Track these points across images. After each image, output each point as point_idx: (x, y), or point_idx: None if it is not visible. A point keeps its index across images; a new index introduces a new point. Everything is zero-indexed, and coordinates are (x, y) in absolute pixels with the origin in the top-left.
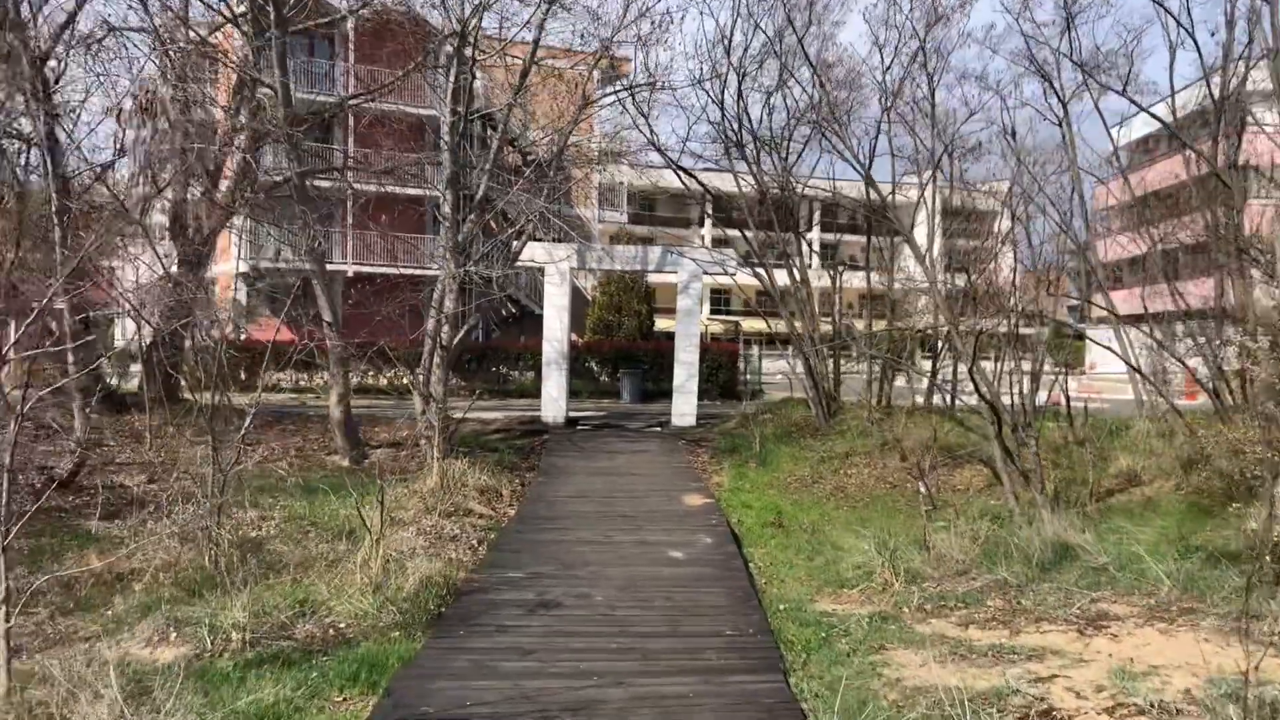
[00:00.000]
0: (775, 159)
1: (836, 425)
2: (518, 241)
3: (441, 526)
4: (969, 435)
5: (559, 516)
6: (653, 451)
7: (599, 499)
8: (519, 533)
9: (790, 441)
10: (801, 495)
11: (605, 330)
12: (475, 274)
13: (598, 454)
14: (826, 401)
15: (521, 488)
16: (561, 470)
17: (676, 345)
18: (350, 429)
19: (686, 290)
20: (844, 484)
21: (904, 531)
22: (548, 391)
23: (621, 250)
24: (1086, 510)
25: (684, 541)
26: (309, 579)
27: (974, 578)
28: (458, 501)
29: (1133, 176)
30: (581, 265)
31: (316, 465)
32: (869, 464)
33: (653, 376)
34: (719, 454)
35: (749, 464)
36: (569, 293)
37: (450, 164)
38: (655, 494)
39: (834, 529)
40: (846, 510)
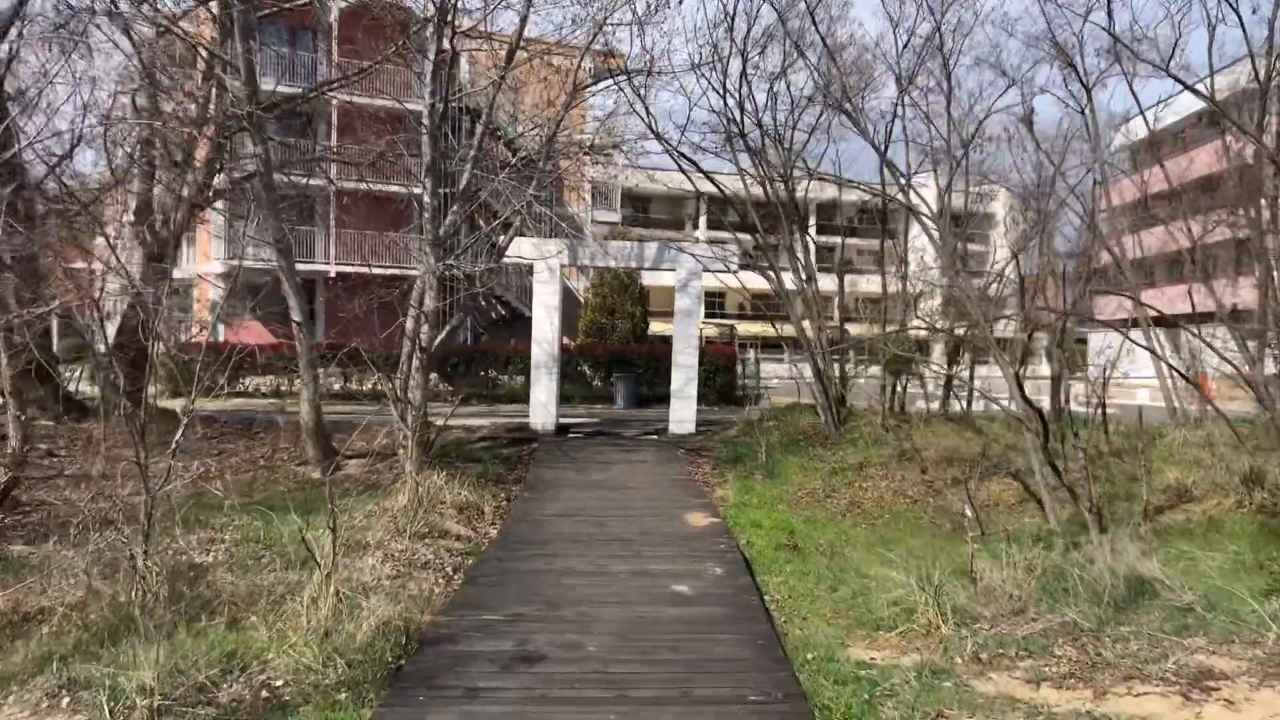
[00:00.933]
0: (780, 149)
1: (847, 433)
2: (504, 236)
3: (412, 551)
4: (990, 444)
5: (546, 539)
6: (650, 462)
7: (591, 518)
8: (499, 560)
9: (798, 451)
10: (814, 511)
11: (598, 333)
12: (456, 269)
13: (590, 465)
14: (836, 408)
15: (506, 503)
16: (550, 484)
17: (674, 347)
18: (322, 437)
19: (685, 289)
20: (860, 498)
21: (933, 554)
22: (536, 397)
23: (616, 246)
24: (1141, 532)
25: (689, 572)
26: (249, 620)
27: (1034, 618)
28: (433, 521)
29: (1161, 167)
30: (573, 262)
31: (285, 477)
32: (885, 476)
33: (647, 381)
34: (721, 464)
35: (754, 476)
36: (559, 292)
37: (430, 150)
38: (654, 511)
39: (854, 551)
40: (865, 528)
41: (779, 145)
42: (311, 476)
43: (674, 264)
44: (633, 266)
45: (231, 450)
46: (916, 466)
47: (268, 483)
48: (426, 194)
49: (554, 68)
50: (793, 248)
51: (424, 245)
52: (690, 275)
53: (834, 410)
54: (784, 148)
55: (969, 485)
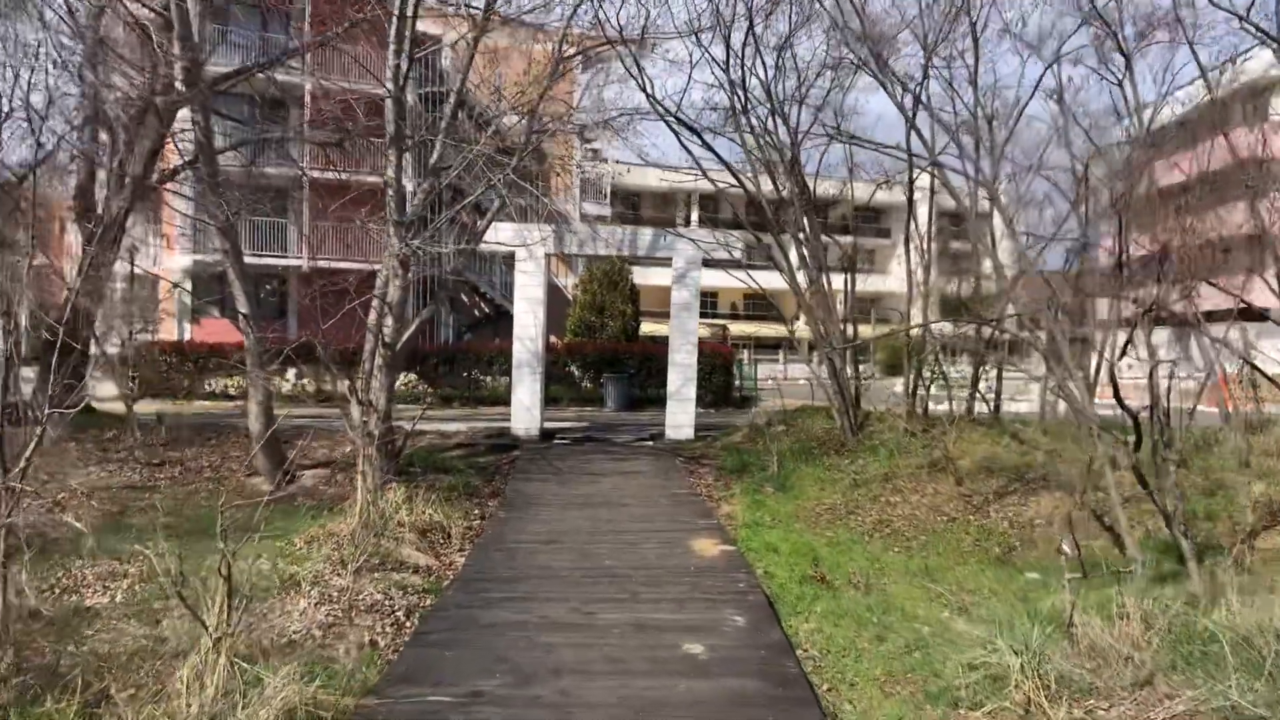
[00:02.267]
0: (788, 127)
1: (866, 440)
2: (481, 220)
3: (358, 589)
4: (1031, 452)
5: (521, 575)
6: (645, 473)
7: (578, 545)
8: (461, 606)
9: (812, 460)
10: (837, 531)
11: (587, 332)
12: (421, 250)
13: (578, 476)
14: (853, 411)
15: (480, 522)
16: (531, 499)
17: (671, 344)
18: (274, 445)
19: (683, 280)
20: (888, 515)
21: (988, 586)
22: (519, 399)
23: (607, 232)
24: (1247, 564)
25: (703, 624)
26: (115, 698)
27: (1169, 693)
28: (387, 549)
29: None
30: (559, 248)
31: (231, 490)
32: (915, 489)
33: (640, 382)
34: (726, 475)
35: (765, 488)
36: (544, 283)
37: (394, 118)
38: (653, 535)
39: (893, 583)
40: (900, 552)
41: (785, 122)
42: (261, 490)
43: (670, 252)
44: (625, 254)
45: (175, 459)
46: (950, 477)
47: (209, 497)
48: (390, 168)
49: (538, 34)
50: (804, 236)
51: (389, 226)
52: (688, 265)
53: (851, 414)
54: (791, 126)
55: (1070, 514)
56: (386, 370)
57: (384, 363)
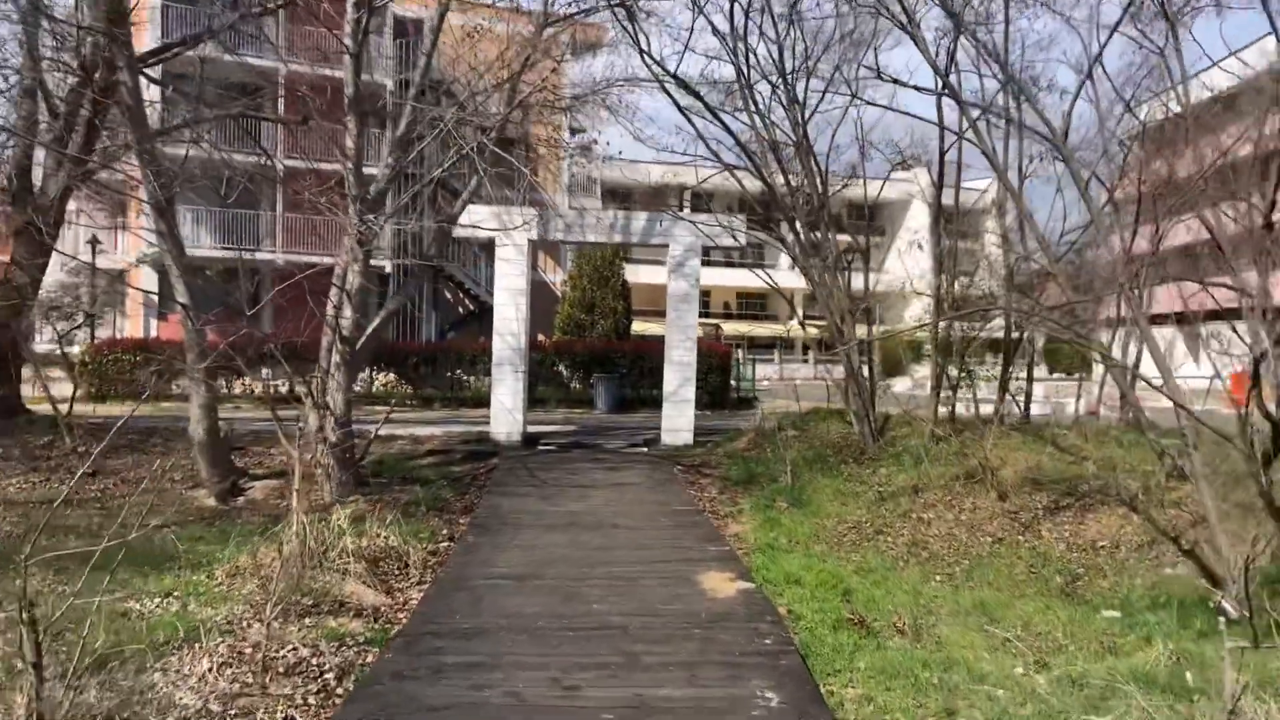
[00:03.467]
0: (796, 105)
1: (888, 446)
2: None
3: (281, 641)
4: (1078, 461)
5: (486, 629)
6: (640, 485)
7: (560, 582)
8: (402, 675)
9: (829, 469)
10: (865, 555)
11: (577, 330)
12: (381, 228)
13: (563, 490)
14: (873, 414)
15: (447, 545)
16: (507, 519)
17: (667, 341)
18: (218, 453)
19: (681, 269)
20: (922, 536)
21: (1061, 630)
22: (499, 401)
23: (596, 216)
24: None
25: (725, 705)
26: None
27: None
28: (327, 585)
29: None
30: (543, 234)
31: (171, 504)
32: (950, 503)
33: (631, 382)
34: (731, 487)
35: (778, 503)
36: (527, 272)
37: (353, 79)
38: (653, 568)
39: (946, 625)
40: (943, 582)
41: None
42: (204, 504)
43: (667, 238)
44: (616, 240)
45: (114, 468)
46: (990, 491)
47: (141, 513)
48: (349, 137)
49: (518, 15)
50: (819, 224)
51: (350, 204)
52: (687, 253)
53: (871, 418)
54: (800, 100)
55: (1247, 560)
56: (345, 369)
57: (342, 360)
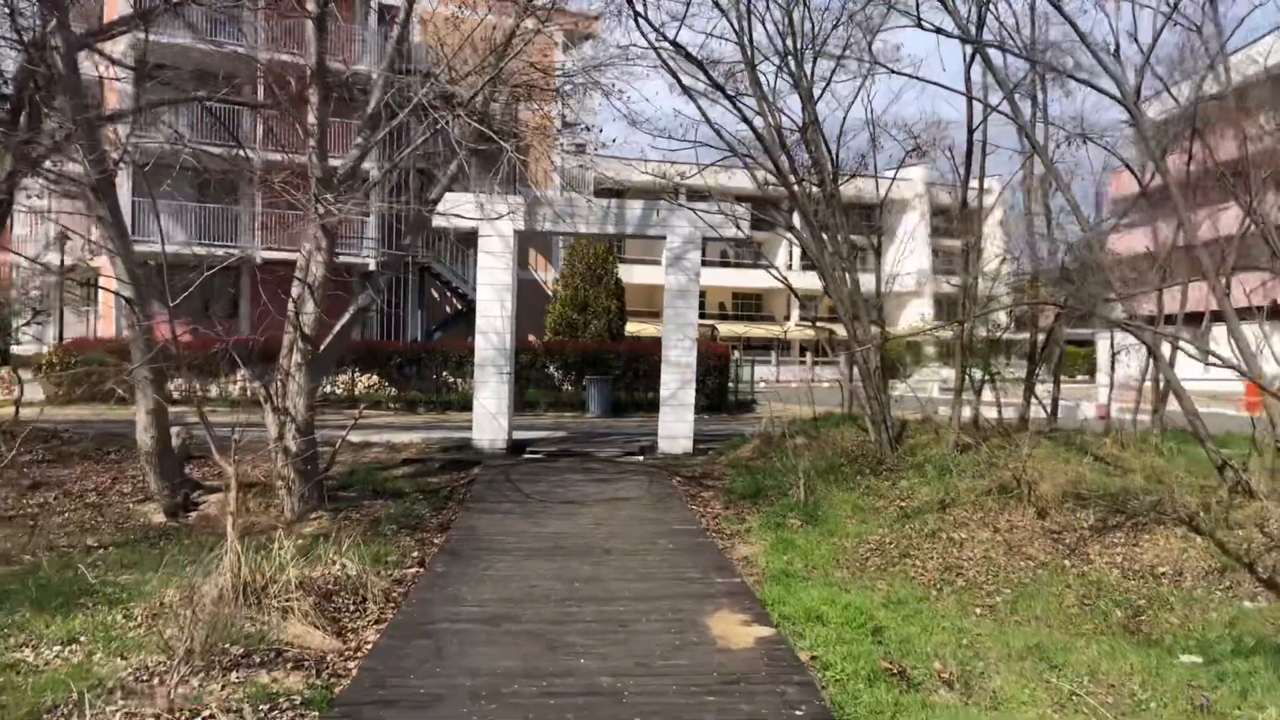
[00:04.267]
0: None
1: (907, 456)
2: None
3: (191, 710)
4: (1122, 472)
5: (445, 692)
6: (636, 500)
7: (540, 626)
8: None
9: (844, 481)
10: (893, 582)
11: (569, 330)
12: (346, 212)
13: (549, 506)
14: (890, 420)
15: (414, 572)
16: (484, 542)
17: (665, 339)
18: (168, 464)
19: (679, 262)
20: (955, 559)
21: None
22: (483, 405)
23: (588, 204)
24: None
25: None
26: None
27: None
28: (265, 626)
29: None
30: (530, 225)
31: (117, 519)
32: (982, 521)
33: (625, 384)
34: (737, 501)
35: (790, 520)
36: (513, 266)
37: (316, 46)
38: (652, 606)
39: (999, 674)
40: (985, 616)
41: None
42: (152, 520)
43: (665, 228)
44: (610, 232)
45: (59, 479)
46: (1027, 506)
47: (77, 530)
48: (311, 111)
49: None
50: (833, 213)
51: (312, 182)
52: (686, 244)
53: (888, 424)
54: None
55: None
56: (307, 370)
57: (304, 361)
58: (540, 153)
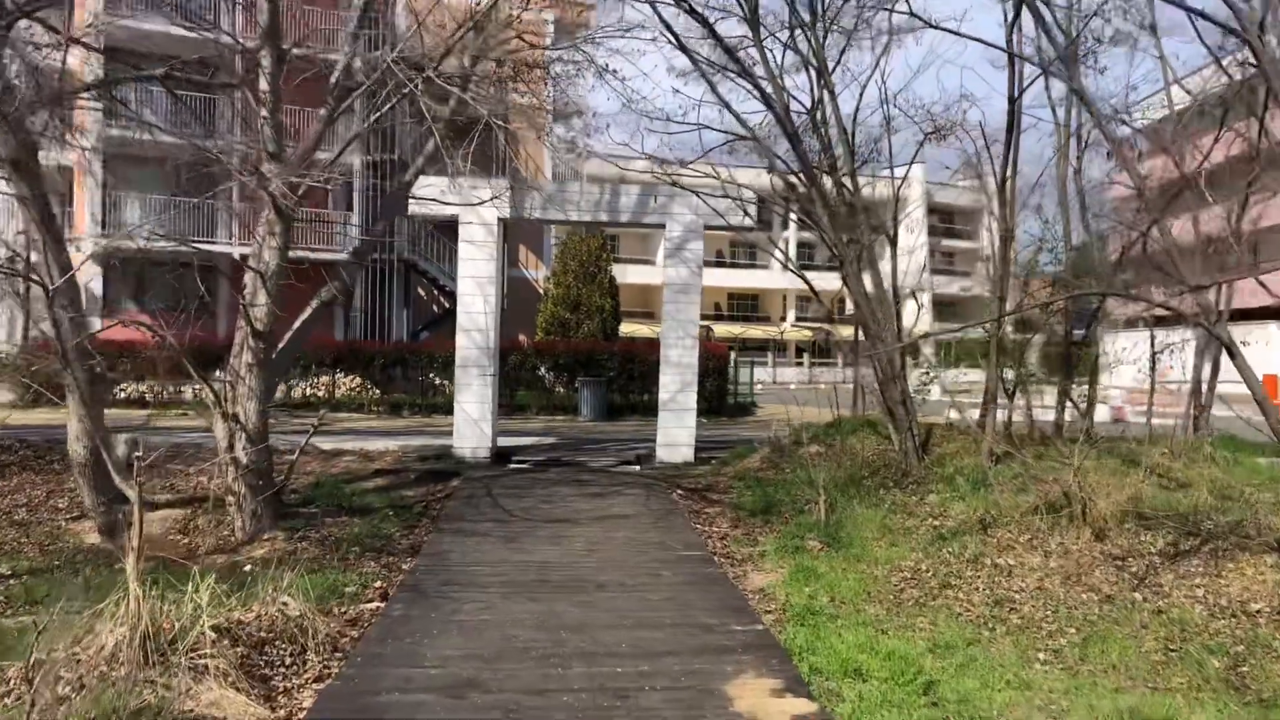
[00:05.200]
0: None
1: (935, 466)
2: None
3: None
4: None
5: None
6: (634, 518)
7: (516, 699)
8: None
9: (867, 496)
10: (936, 620)
11: (560, 330)
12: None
13: (534, 526)
14: (916, 428)
15: (373, 609)
16: (455, 574)
17: (663, 338)
18: (106, 477)
19: (679, 253)
20: (1005, 591)
21: None
22: (464, 409)
23: (579, 190)
24: None
25: None
26: None
27: None
28: (169, 692)
29: None
30: (515, 212)
31: (43, 540)
32: (1030, 544)
33: (620, 386)
34: (747, 519)
35: (809, 542)
36: (497, 257)
37: (266, 3)
38: (657, 666)
39: None
40: (1051, 664)
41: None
42: (85, 541)
43: (664, 216)
44: (603, 220)
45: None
46: (1082, 527)
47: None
48: (263, 77)
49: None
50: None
51: (262, 157)
52: (687, 233)
53: (914, 432)
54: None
55: None
56: (259, 371)
57: (256, 360)
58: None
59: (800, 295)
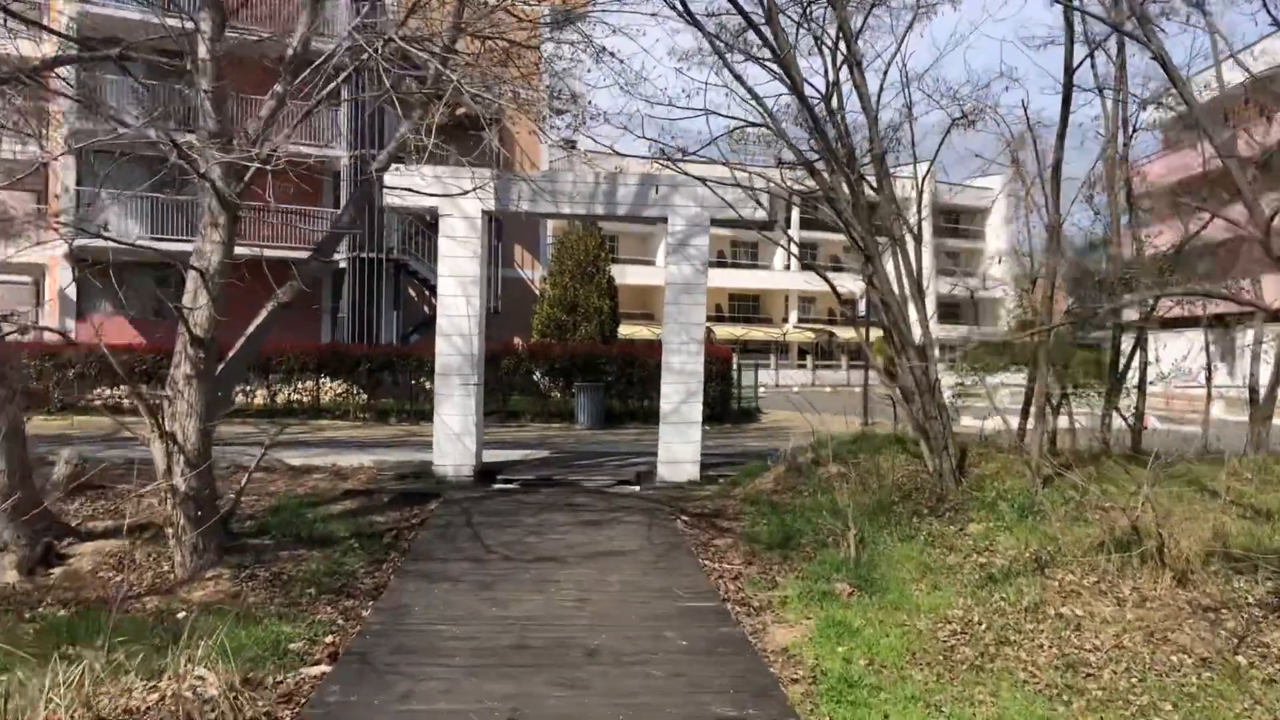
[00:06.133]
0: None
1: (974, 489)
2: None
3: None
4: (1232, 512)
5: None
6: (634, 555)
7: None
8: None
9: (898, 525)
10: (998, 689)
11: (557, 332)
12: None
13: (517, 567)
14: (953, 446)
15: (322, 675)
16: (416, 635)
17: (665, 343)
18: (30, 504)
19: (683, 249)
20: (1075, 649)
21: None
22: (445, 423)
23: (573, 180)
24: None
25: None
26: None
27: None
28: None
29: None
30: (502, 204)
31: None
32: (1099, 589)
33: (619, 392)
34: (762, 554)
35: (836, 584)
36: (481, 253)
37: None
38: None
39: None
40: None
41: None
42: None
43: (666, 208)
44: (599, 213)
45: None
46: (1159, 569)
47: None
48: (202, 43)
49: None
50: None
51: (201, 132)
52: (692, 227)
53: (950, 451)
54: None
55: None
56: (200, 383)
57: (195, 371)
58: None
59: (803, 296)
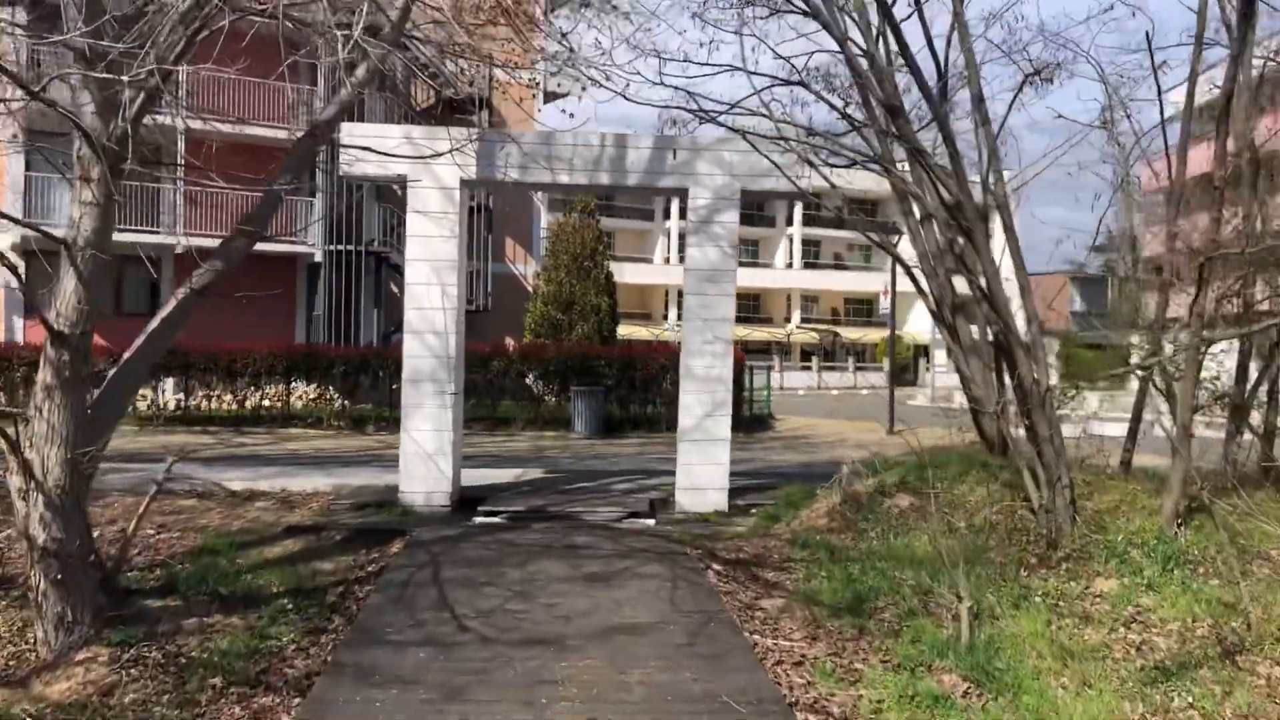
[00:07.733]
0: None
1: (1092, 530)
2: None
3: None
4: None
5: None
6: (657, 631)
7: None
8: None
9: (1001, 581)
10: None
11: (551, 332)
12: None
13: (497, 659)
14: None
15: None
16: None
17: (685, 342)
18: None
19: (707, 227)
20: None
21: None
22: (414, 440)
23: (571, 144)
24: None
25: None
26: None
27: None
28: None
29: None
30: (485, 171)
31: None
32: None
33: (620, 397)
34: (826, 620)
35: (943, 676)
36: (459, 232)
37: None
38: None
39: None
40: None
41: None
42: None
43: (686, 177)
44: (603, 184)
45: None
46: None
47: None
48: None
49: None
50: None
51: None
52: (718, 201)
53: (1068, 483)
54: None
55: None
56: (64, 395)
57: (57, 380)
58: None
59: (805, 295)
